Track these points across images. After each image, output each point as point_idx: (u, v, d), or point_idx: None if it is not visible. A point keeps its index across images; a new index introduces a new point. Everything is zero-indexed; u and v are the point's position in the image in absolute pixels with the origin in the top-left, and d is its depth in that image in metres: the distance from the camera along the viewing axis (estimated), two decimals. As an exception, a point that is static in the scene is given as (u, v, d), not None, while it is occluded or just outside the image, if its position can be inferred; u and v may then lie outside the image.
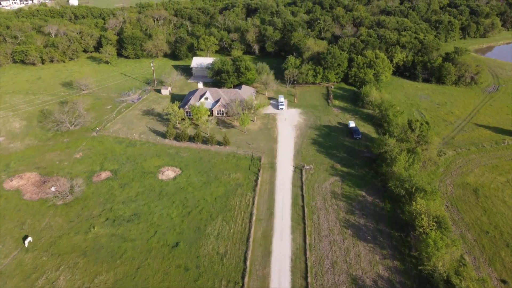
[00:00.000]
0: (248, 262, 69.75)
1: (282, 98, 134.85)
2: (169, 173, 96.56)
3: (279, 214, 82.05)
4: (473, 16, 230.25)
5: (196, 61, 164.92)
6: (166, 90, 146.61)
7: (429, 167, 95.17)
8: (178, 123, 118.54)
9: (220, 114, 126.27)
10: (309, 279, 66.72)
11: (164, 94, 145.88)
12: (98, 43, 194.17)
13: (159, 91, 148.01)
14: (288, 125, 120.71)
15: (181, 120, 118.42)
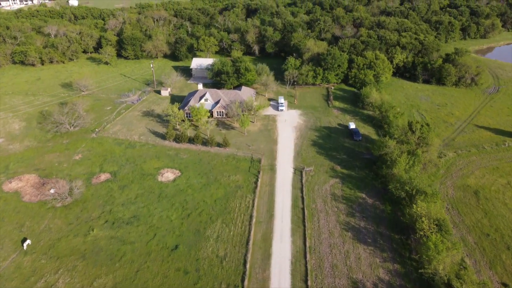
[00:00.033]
0: (248, 265, 69.43)
1: (282, 99, 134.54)
2: (169, 175, 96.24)
3: (279, 217, 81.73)
4: (474, 17, 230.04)
5: (196, 62, 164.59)
6: (166, 91, 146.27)
7: (430, 169, 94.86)
8: (178, 125, 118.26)
9: (220, 116, 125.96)
10: (309, 282, 66.39)
11: (164, 95, 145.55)
12: (98, 44, 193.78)
13: (159, 92, 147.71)
14: (288, 127, 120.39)
15: (181, 122, 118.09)
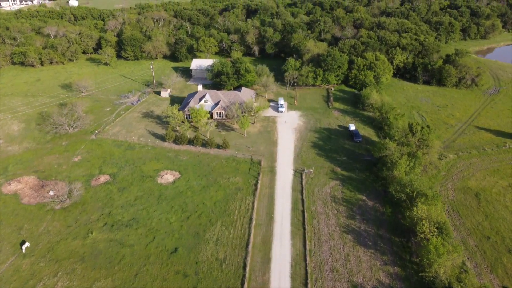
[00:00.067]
0: (248, 268, 69.08)
1: (282, 101, 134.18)
2: (168, 177, 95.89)
3: (279, 219, 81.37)
4: (474, 18, 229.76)
5: (196, 63, 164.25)
6: (166, 92, 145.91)
7: (430, 171, 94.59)
8: (178, 126, 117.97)
9: (220, 117, 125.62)
10: (309, 286, 66.02)
11: (164, 96, 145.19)
12: (98, 45, 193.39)
13: (159, 93, 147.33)
14: (288, 128, 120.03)
15: (181, 123, 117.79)
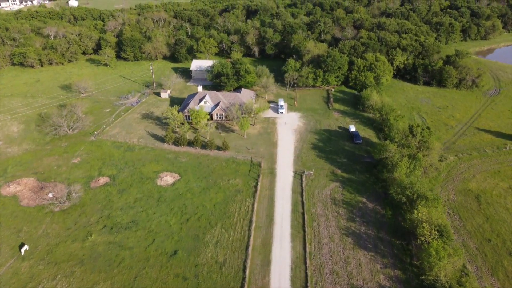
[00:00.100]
0: (247, 271, 68.79)
1: (282, 102, 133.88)
2: (168, 179, 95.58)
3: (279, 221, 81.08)
4: (474, 18, 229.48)
5: (196, 64, 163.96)
6: (165, 93, 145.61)
7: (431, 173, 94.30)
8: (177, 127, 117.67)
9: (220, 118, 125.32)
10: (309, 289, 65.83)
11: (163, 97, 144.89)
12: (97, 45, 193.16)
13: (158, 94, 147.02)
14: (288, 129, 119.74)
15: (180, 124, 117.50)
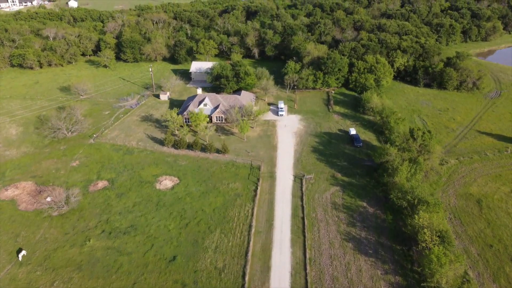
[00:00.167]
0: (247, 278, 68.09)
1: (282, 104, 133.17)
2: (167, 183, 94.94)
3: (279, 226, 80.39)
4: (475, 19, 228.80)
5: (195, 66, 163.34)
6: (165, 95, 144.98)
7: (431, 177, 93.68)
8: (177, 130, 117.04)
9: (219, 121, 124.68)
10: (309, 296, 65.19)
11: (163, 99, 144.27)
12: (97, 47, 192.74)
13: (158, 96, 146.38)
14: (288, 132, 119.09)
15: (180, 127, 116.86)
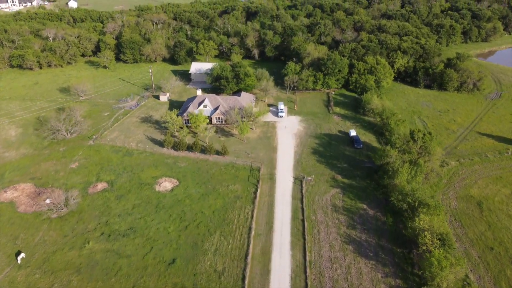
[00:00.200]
0: (247, 281, 67.76)
1: (282, 105, 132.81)
2: (167, 185, 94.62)
3: (279, 229, 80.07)
4: (475, 20, 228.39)
5: (195, 67, 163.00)
6: (165, 96, 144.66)
7: (432, 179, 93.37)
8: (176, 131, 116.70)
9: (219, 122, 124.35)
10: (309, 299, 64.88)
11: (163, 101, 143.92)
12: (96, 47, 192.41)
13: (158, 97, 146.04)
14: (288, 134, 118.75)
15: (179, 129, 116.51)
